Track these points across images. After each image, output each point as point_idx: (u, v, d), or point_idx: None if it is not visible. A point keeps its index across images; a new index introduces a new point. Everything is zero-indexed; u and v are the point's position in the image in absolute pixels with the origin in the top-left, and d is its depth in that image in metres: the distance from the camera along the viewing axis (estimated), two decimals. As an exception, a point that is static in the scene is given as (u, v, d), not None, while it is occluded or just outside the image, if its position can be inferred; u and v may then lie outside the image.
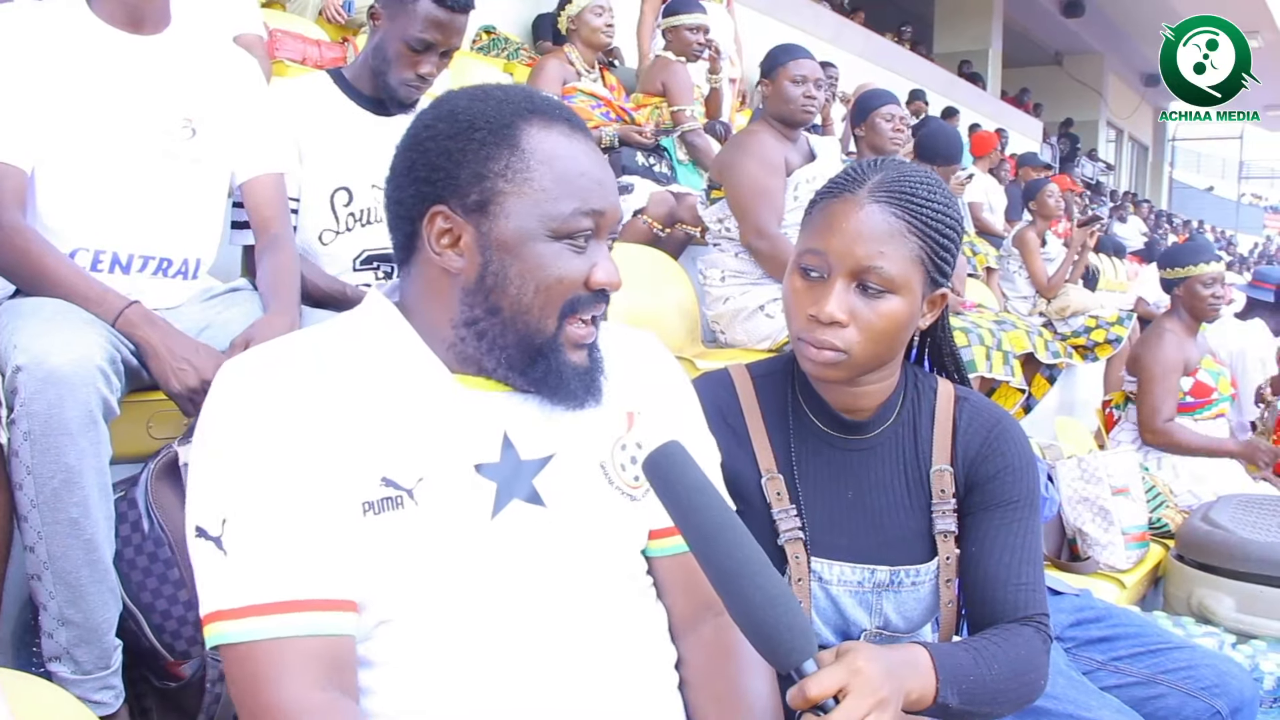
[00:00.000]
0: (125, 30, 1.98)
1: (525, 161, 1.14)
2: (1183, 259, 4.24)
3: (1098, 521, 3.38)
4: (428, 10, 2.33)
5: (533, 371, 1.18)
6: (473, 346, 1.18)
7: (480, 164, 1.14)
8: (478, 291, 1.16)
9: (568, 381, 1.18)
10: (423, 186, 1.17)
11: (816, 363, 1.45)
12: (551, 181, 1.15)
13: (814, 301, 1.43)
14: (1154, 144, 29.26)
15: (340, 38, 5.49)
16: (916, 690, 1.24)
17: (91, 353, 1.65)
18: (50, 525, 1.61)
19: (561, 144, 1.17)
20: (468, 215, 1.15)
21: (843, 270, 1.41)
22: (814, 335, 1.43)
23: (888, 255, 1.40)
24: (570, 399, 1.19)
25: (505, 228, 1.14)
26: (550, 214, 1.14)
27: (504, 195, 1.14)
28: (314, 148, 2.42)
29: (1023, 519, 1.51)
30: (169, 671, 1.78)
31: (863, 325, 1.41)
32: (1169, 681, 2.01)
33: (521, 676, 1.12)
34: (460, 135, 1.15)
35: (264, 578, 1.05)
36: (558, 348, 1.18)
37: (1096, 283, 8.64)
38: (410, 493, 1.12)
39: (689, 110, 5.02)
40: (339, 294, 2.39)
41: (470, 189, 1.15)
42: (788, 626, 1.05)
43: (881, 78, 11.12)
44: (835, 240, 1.42)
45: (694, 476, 1.10)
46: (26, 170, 1.89)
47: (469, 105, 1.18)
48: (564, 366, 1.18)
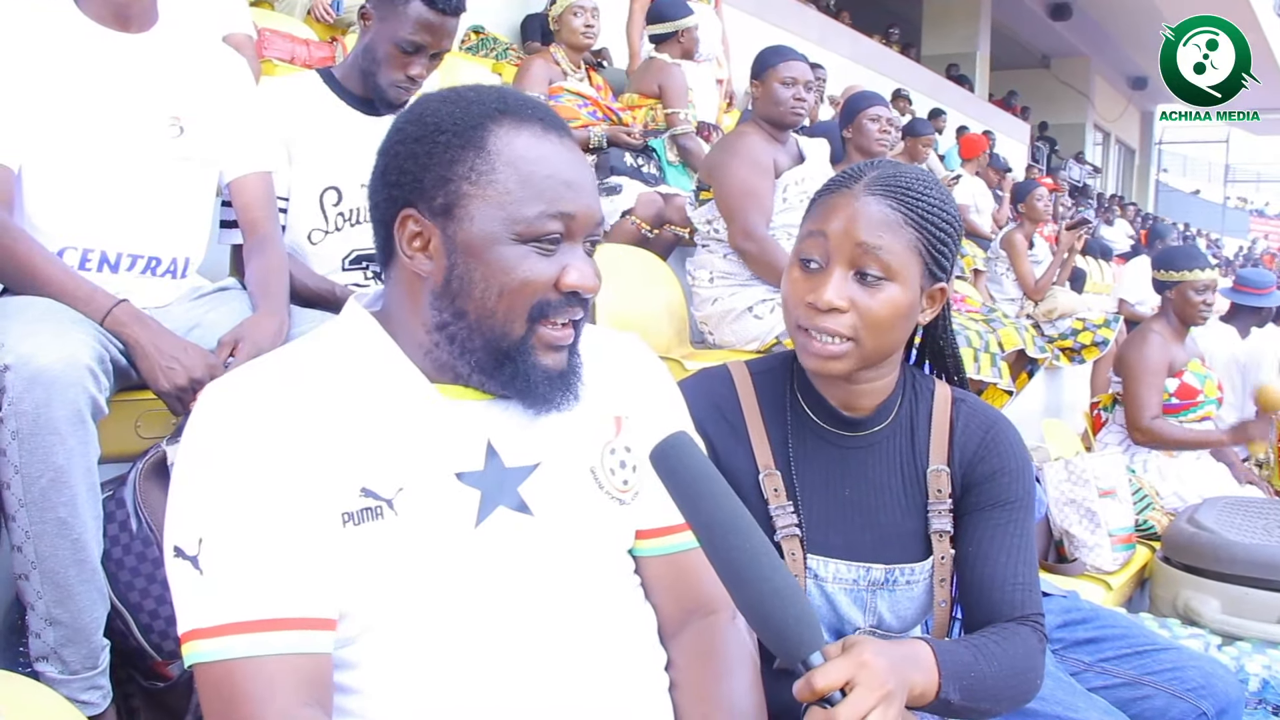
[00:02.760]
0: (113, 28, 1.98)
1: (490, 164, 1.13)
2: (1178, 263, 4.26)
3: (1085, 523, 3.40)
4: (418, 12, 2.33)
5: (500, 374, 1.16)
6: (446, 351, 1.17)
7: (445, 167, 1.14)
8: (444, 295, 1.15)
9: (536, 385, 1.17)
10: (393, 190, 1.17)
11: (820, 356, 1.45)
12: (516, 184, 1.13)
13: (812, 290, 1.44)
14: (1140, 147, 29.38)
15: (329, 37, 5.47)
16: (920, 685, 1.25)
17: (80, 352, 1.64)
18: (38, 525, 1.61)
19: (531, 145, 1.15)
20: (435, 218, 1.14)
21: (841, 258, 1.42)
22: (814, 323, 1.44)
23: (885, 241, 1.41)
24: (540, 402, 1.18)
25: (470, 231, 1.13)
26: (515, 217, 1.13)
27: (468, 198, 1.13)
28: (303, 147, 2.41)
29: (1018, 520, 1.52)
30: (156, 671, 1.78)
31: (862, 312, 1.42)
32: (1155, 683, 2.01)
33: (509, 683, 1.11)
34: (426, 138, 1.15)
35: (241, 596, 1.04)
36: (527, 351, 1.16)
37: (1083, 285, 8.68)
38: (390, 503, 1.11)
39: (683, 113, 5.03)
40: (328, 293, 2.38)
41: (436, 192, 1.14)
42: (796, 618, 1.05)
43: (869, 79, 11.16)
44: (834, 224, 1.43)
45: (702, 467, 1.10)
46: (13, 169, 1.88)
47: (438, 108, 1.17)
48: (532, 370, 1.16)
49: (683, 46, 5.24)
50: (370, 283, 2.49)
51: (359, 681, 1.11)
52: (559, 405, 1.20)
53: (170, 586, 1.08)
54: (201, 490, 1.07)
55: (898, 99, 11.20)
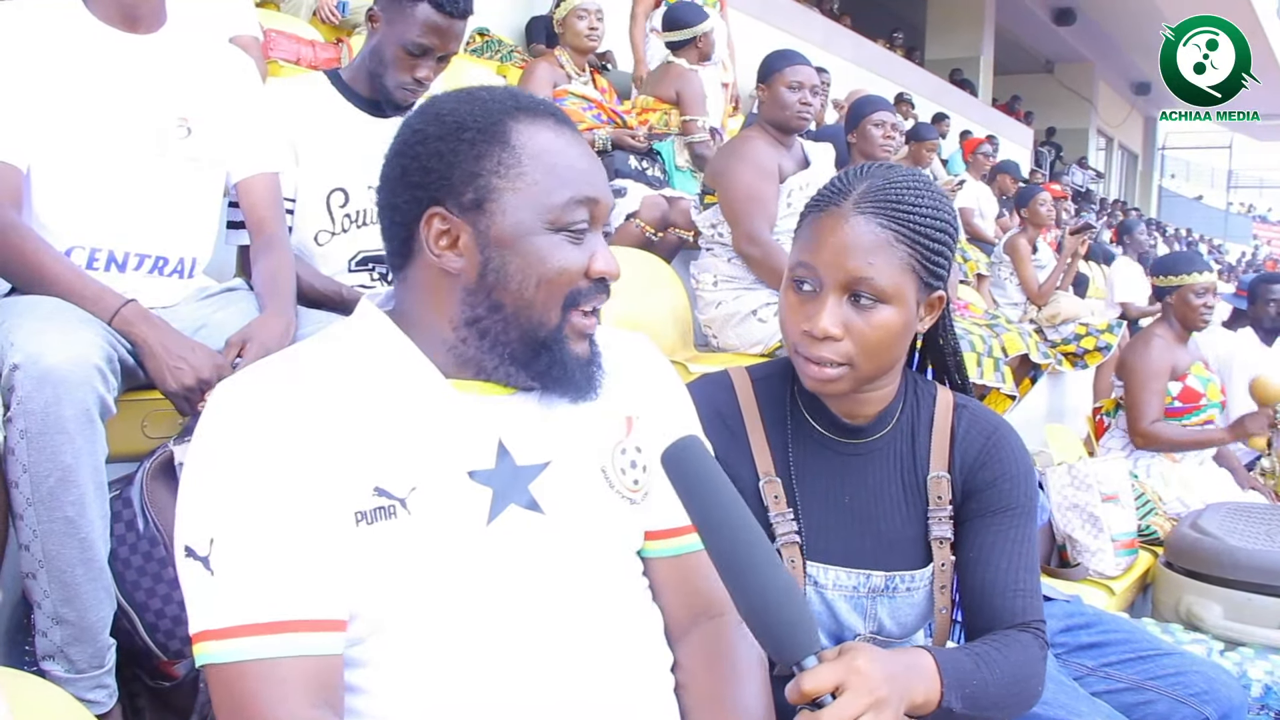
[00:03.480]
0: (121, 29, 1.98)
1: (516, 157, 1.15)
2: (1176, 268, 4.27)
3: (1087, 528, 3.40)
4: (426, 15, 2.33)
5: (536, 364, 1.18)
6: (474, 347, 1.18)
7: (472, 163, 1.15)
8: (479, 290, 1.16)
9: (572, 372, 1.19)
10: (417, 190, 1.17)
11: (818, 380, 1.45)
12: (544, 174, 1.15)
13: (807, 317, 1.43)
14: (1144, 152, 29.41)
15: (334, 38, 5.48)
16: (922, 694, 1.24)
17: (88, 351, 1.64)
18: (46, 524, 1.61)
19: (550, 138, 1.18)
20: (464, 215, 1.16)
21: (833, 284, 1.41)
22: (810, 351, 1.43)
23: (877, 266, 1.39)
24: (574, 390, 1.20)
25: (503, 224, 1.15)
26: (546, 206, 1.15)
27: (499, 191, 1.15)
28: (310, 148, 2.42)
29: (1020, 526, 1.52)
30: (162, 671, 1.78)
31: (857, 337, 1.41)
32: (1158, 688, 2.02)
33: (518, 681, 1.12)
34: (450, 136, 1.16)
35: (252, 598, 1.04)
36: (562, 340, 1.18)
37: (1086, 290, 8.68)
38: (403, 501, 1.11)
39: (700, 120, 5.04)
40: (335, 295, 2.39)
41: (465, 188, 1.15)
42: (792, 622, 1.05)
43: (872, 83, 11.16)
44: (823, 255, 1.41)
45: (711, 470, 1.11)
46: (22, 169, 1.88)
47: (456, 107, 1.18)
48: (568, 357, 1.18)
49: (700, 51, 5.23)
50: (377, 284, 2.49)
51: (369, 681, 1.11)
52: (588, 394, 1.22)
53: (181, 586, 1.08)
54: (213, 490, 1.07)
55: (901, 103, 11.20)
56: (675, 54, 5.25)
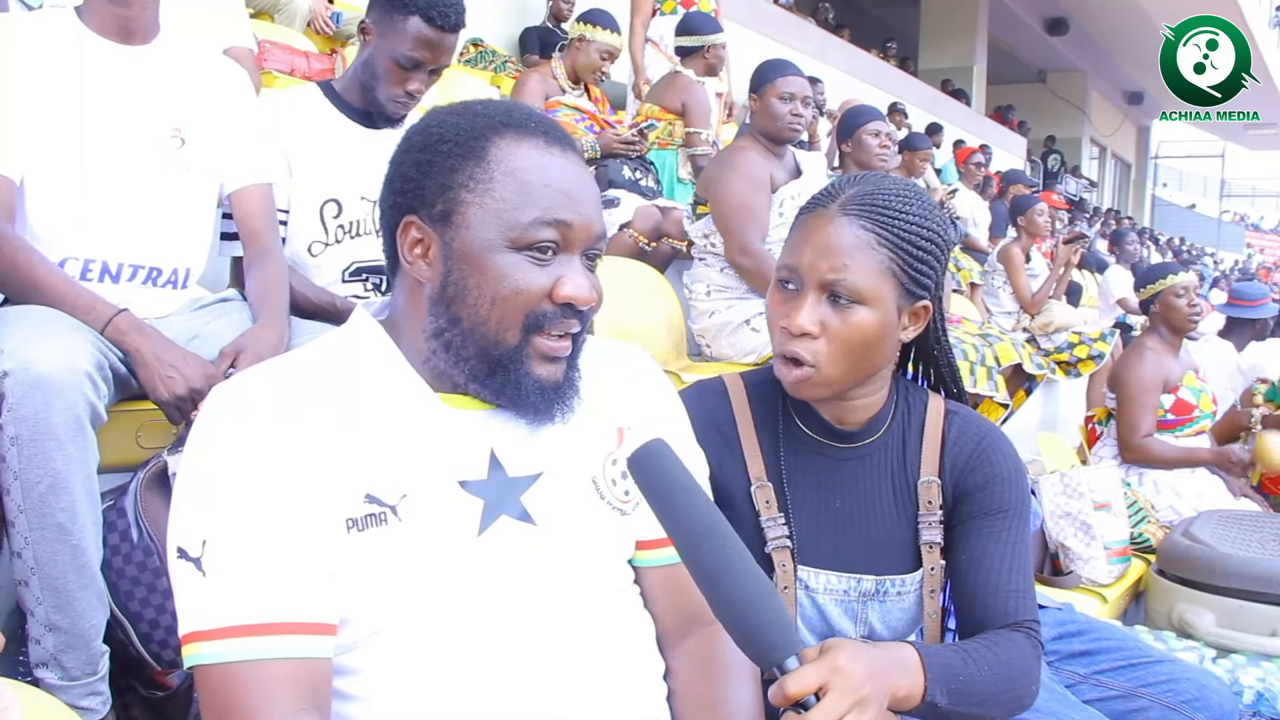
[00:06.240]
0: (115, 40, 1.99)
1: (489, 172, 1.15)
2: (1153, 275, 4.33)
3: (1080, 536, 3.40)
4: (418, 29, 2.34)
5: (492, 383, 1.17)
6: (442, 359, 1.18)
7: (445, 175, 1.16)
8: (440, 301, 1.17)
9: (527, 394, 1.17)
10: (397, 197, 1.19)
11: (791, 381, 1.48)
12: (513, 192, 1.15)
13: (787, 315, 1.46)
14: (1136, 161, 29.48)
15: (328, 49, 5.48)
16: (904, 689, 1.24)
17: (79, 358, 1.65)
18: (37, 530, 1.62)
19: (531, 156, 1.17)
20: (434, 225, 1.16)
21: (812, 283, 1.44)
22: (786, 347, 1.46)
23: (852, 267, 1.42)
24: (531, 412, 1.19)
25: (466, 237, 1.14)
26: (509, 223, 1.14)
27: (466, 205, 1.15)
28: (304, 159, 2.42)
29: (1012, 527, 1.53)
30: (156, 680, 1.78)
31: (833, 336, 1.44)
32: (1150, 695, 2.02)
33: (509, 690, 1.12)
34: (430, 148, 1.17)
35: (242, 599, 1.05)
36: (520, 360, 1.16)
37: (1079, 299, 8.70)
38: (394, 509, 1.12)
39: (705, 134, 5.04)
40: (328, 305, 2.39)
41: (436, 199, 1.16)
42: (768, 624, 1.04)
43: (866, 94, 11.19)
44: (805, 254, 1.45)
45: (677, 474, 1.09)
46: (15, 179, 1.89)
47: (445, 119, 1.19)
48: (524, 379, 1.17)
49: (707, 63, 5.22)
50: (370, 295, 2.50)
51: (359, 688, 1.11)
52: (551, 417, 1.20)
53: (173, 587, 1.08)
54: (206, 492, 1.08)
55: (894, 113, 11.23)
56: (683, 62, 5.25)
